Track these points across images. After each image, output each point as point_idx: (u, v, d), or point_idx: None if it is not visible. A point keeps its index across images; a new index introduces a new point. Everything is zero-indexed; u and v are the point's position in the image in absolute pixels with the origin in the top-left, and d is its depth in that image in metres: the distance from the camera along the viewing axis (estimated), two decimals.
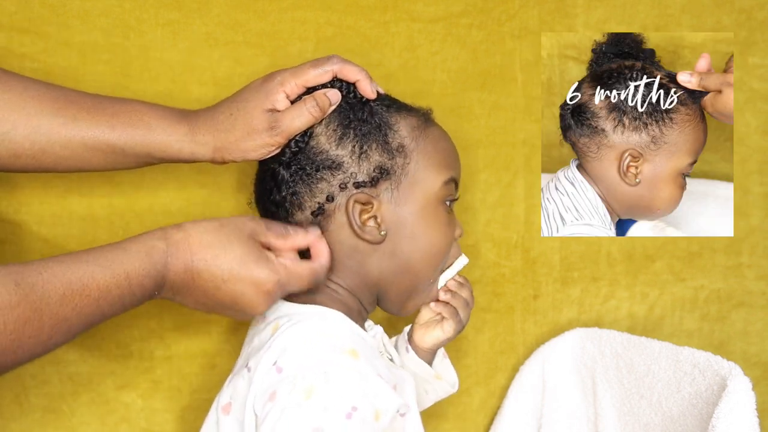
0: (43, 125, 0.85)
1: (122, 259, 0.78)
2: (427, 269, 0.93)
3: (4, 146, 0.85)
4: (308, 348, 0.83)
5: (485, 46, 1.15)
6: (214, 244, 0.82)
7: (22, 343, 0.71)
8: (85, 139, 0.87)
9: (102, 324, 1.05)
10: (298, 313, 0.87)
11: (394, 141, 0.91)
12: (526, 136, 1.17)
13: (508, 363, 1.19)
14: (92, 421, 1.07)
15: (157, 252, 0.80)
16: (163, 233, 0.82)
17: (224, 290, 0.83)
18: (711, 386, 0.96)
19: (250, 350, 0.90)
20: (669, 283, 1.22)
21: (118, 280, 0.77)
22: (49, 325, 0.73)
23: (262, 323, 0.90)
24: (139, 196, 1.06)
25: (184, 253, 0.82)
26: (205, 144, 0.89)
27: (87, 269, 0.75)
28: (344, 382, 0.80)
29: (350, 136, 0.90)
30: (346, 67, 0.91)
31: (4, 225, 1.03)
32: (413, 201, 0.91)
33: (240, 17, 1.07)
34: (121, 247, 0.79)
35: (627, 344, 1.08)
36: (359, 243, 0.90)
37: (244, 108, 0.89)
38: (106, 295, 0.77)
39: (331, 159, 0.89)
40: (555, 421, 1.14)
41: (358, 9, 1.10)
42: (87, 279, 0.75)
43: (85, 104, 0.88)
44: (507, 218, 1.17)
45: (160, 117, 0.89)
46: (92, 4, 1.02)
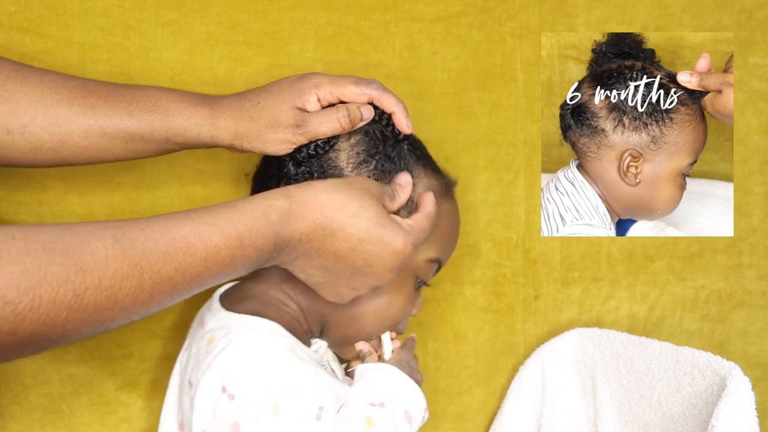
0: (61, 115, 0.85)
1: (233, 217, 0.74)
2: (375, 327, 0.91)
3: (24, 139, 0.84)
4: (255, 367, 0.79)
5: (485, 46, 1.15)
6: (348, 203, 0.78)
7: (118, 300, 0.67)
8: (104, 127, 0.86)
9: None
10: (232, 324, 0.84)
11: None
12: (526, 136, 1.17)
13: (508, 363, 1.19)
14: (92, 422, 1.07)
15: (276, 211, 0.76)
16: (286, 191, 0.78)
17: (359, 251, 0.79)
18: (711, 386, 0.96)
19: (188, 358, 0.87)
20: (669, 283, 1.22)
21: (228, 240, 0.72)
22: (150, 284, 0.68)
23: (200, 329, 0.88)
24: (139, 196, 1.06)
25: (312, 212, 0.77)
26: (226, 129, 0.88)
27: (193, 227, 0.71)
28: (304, 387, 0.79)
29: (370, 165, 0.87)
30: (385, 95, 0.89)
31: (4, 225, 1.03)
32: None
33: (240, 17, 1.07)
34: (234, 206, 0.75)
35: (627, 344, 1.08)
36: None
37: (274, 100, 0.88)
38: (214, 255, 0.72)
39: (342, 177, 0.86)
40: (555, 421, 1.14)
41: (358, 9, 1.10)
42: (192, 237, 0.71)
43: (102, 92, 0.87)
44: (507, 218, 1.17)
45: (178, 101, 0.88)
46: (92, 4, 1.02)
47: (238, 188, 1.08)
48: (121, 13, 1.03)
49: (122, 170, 1.05)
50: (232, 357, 0.80)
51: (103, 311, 0.66)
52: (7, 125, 0.84)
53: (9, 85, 0.85)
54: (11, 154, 0.85)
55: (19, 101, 0.84)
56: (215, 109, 0.88)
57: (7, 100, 0.84)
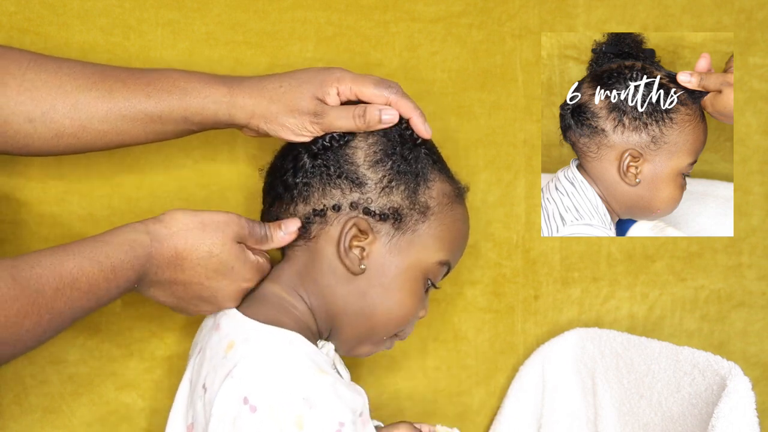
0: (81, 101, 0.87)
1: (108, 252, 0.79)
2: (386, 326, 0.92)
3: (45, 126, 0.87)
4: (277, 379, 0.80)
5: (485, 46, 1.15)
6: (200, 246, 0.84)
7: (20, 336, 0.72)
8: (123, 110, 0.88)
9: (102, 325, 1.06)
10: (256, 335, 0.85)
11: (423, 196, 0.90)
12: (526, 136, 1.17)
13: (508, 363, 1.19)
14: (92, 422, 1.07)
15: (140, 246, 0.81)
16: (145, 227, 0.83)
17: (206, 285, 0.86)
18: (711, 386, 0.96)
19: (201, 361, 0.87)
20: (669, 283, 1.22)
21: (106, 273, 0.78)
22: (46, 319, 0.74)
23: (215, 332, 0.88)
24: (139, 197, 1.06)
25: (168, 250, 0.83)
26: (243, 107, 0.90)
27: (76, 262, 0.77)
28: (326, 402, 0.80)
29: (386, 165, 0.89)
30: (402, 100, 0.91)
31: (4, 225, 1.03)
32: (404, 257, 0.90)
33: (240, 17, 1.07)
34: (105, 240, 0.80)
35: (627, 344, 1.08)
36: (339, 266, 0.89)
37: (297, 86, 0.90)
38: (95, 288, 0.78)
39: (357, 175, 0.89)
40: (555, 421, 1.14)
41: (358, 9, 1.10)
42: (77, 272, 0.76)
43: (120, 76, 0.89)
44: (507, 218, 1.17)
45: (196, 80, 0.90)
46: (92, 4, 1.02)
47: (239, 188, 1.08)
48: (121, 13, 1.03)
49: (122, 170, 1.05)
50: (254, 368, 0.81)
51: (6, 347, 0.71)
52: (28, 114, 0.86)
53: (28, 74, 0.86)
54: (34, 142, 0.87)
55: (39, 89, 0.86)
56: (234, 88, 0.90)
57: (27, 89, 0.86)
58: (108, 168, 1.05)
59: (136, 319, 1.07)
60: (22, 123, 0.86)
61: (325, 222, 0.89)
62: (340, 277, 0.90)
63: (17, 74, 0.86)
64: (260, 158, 1.02)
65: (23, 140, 0.87)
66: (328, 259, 0.89)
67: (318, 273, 0.90)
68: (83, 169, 1.05)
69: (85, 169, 1.05)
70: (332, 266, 0.90)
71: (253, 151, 1.08)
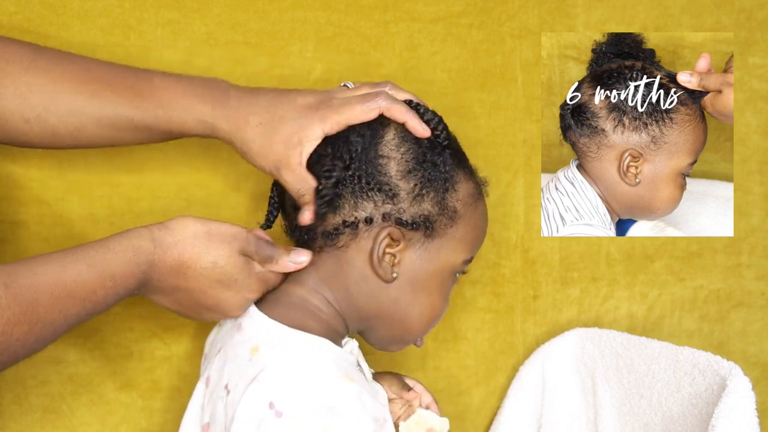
0: (73, 108, 0.88)
1: (109, 259, 0.78)
2: (420, 328, 0.93)
3: (41, 127, 0.88)
4: (306, 387, 0.80)
5: (485, 46, 1.15)
6: (205, 255, 0.83)
7: (9, 345, 0.71)
8: (112, 118, 0.88)
9: (102, 325, 1.06)
10: (283, 340, 0.84)
11: (451, 201, 0.89)
12: (526, 136, 1.17)
13: (508, 363, 1.19)
14: (92, 422, 1.07)
15: (143, 253, 0.80)
16: (150, 234, 0.82)
17: (210, 295, 0.85)
18: (711, 386, 0.96)
19: (223, 361, 0.87)
20: (668, 283, 1.22)
21: (104, 281, 0.77)
22: (37, 328, 0.73)
23: (237, 333, 0.88)
24: (139, 197, 1.06)
25: (172, 258, 0.82)
26: (223, 132, 0.89)
27: (74, 270, 0.76)
28: (351, 412, 0.80)
29: (418, 174, 0.87)
30: (394, 106, 0.88)
31: (4, 225, 1.03)
32: (434, 262, 0.90)
33: (240, 17, 1.07)
34: (108, 246, 0.79)
35: (627, 344, 1.08)
36: (370, 274, 0.88)
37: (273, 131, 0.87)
38: (92, 296, 0.77)
39: (390, 186, 0.87)
40: (555, 421, 1.14)
41: (358, 9, 1.10)
42: (75, 281, 0.75)
43: (109, 81, 0.89)
44: (507, 218, 1.17)
45: (180, 95, 0.89)
46: (92, 4, 1.02)
47: (238, 188, 1.08)
48: (121, 13, 1.03)
49: (122, 170, 1.05)
50: (281, 373, 0.81)
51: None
52: (23, 114, 0.87)
53: (24, 77, 0.87)
54: (32, 139, 0.89)
55: (33, 93, 0.87)
56: (216, 109, 0.88)
57: (21, 93, 0.87)
58: (108, 168, 1.05)
59: (136, 319, 1.07)
60: (19, 123, 0.87)
61: (356, 233, 0.88)
62: (372, 285, 0.89)
63: (15, 76, 0.86)
64: None
65: (22, 137, 0.88)
66: (359, 268, 0.89)
67: (348, 280, 0.89)
68: (83, 169, 1.04)
69: (85, 169, 1.05)
70: (363, 274, 0.89)
71: None
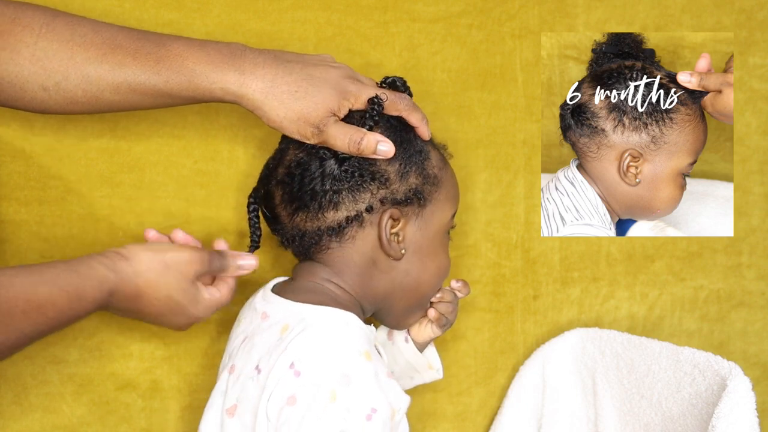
0: (91, 74, 0.88)
1: (77, 284, 0.81)
2: (433, 288, 0.98)
3: (60, 95, 0.88)
4: (326, 352, 0.84)
5: (485, 46, 1.15)
6: (160, 288, 0.87)
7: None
8: (132, 85, 0.89)
9: (102, 325, 1.06)
10: (313, 316, 0.88)
11: (430, 169, 0.94)
12: (526, 136, 1.17)
13: (508, 363, 1.19)
14: (92, 421, 1.07)
15: (107, 282, 0.84)
16: (113, 264, 0.85)
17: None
18: (711, 386, 0.96)
19: (250, 349, 0.89)
20: (669, 283, 1.22)
21: (72, 302, 0.81)
22: (12, 338, 0.76)
23: (263, 321, 0.90)
24: (139, 197, 1.06)
25: (131, 288, 0.86)
26: (251, 101, 0.89)
27: (45, 290, 0.79)
28: (364, 384, 0.82)
29: (399, 154, 0.92)
30: (413, 114, 0.94)
31: (4, 225, 1.03)
32: (431, 226, 0.95)
33: (240, 17, 1.07)
34: (76, 270, 0.82)
35: (627, 344, 1.08)
36: (380, 257, 0.93)
37: (312, 96, 0.89)
38: (60, 315, 0.80)
39: (380, 173, 0.91)
40: (555, 422, 1.14)
41: (358, 9, 1.10)
42: (45, 299, 0.79)
43: (130, 49, 0.89)
44: (507, 218, 1.17)
45: (205, 62, 0.89)
46: (92, 4, 1.02)
47: (239, 188, 1.08)
48: (121, 13, 1.03)
49: (122, 170, 1.05)
50: (306, 340, 0.85)
51: None
52: (41, 83, 0.87)
53: (40, 42, 0.87)
54: (49, 107, 0.89)
55: (50, 59, 0.87)
56: (246, 76, 0.89)
57: (39, 59, 0.87)
58: (108, 168, 1.05)
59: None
60: (37, 90, 0.87)
61: (362, 223, 0.91)
62: (383, 267, 0.93)
63: (30, 42, 0.87)
64: (260, 158, 1.02)
65: (40, 105, 0.89)
66: (367, 254, 0.92)
67: (359, 268, 0.93)
68: (83, 169, 1.04)
69: (85, 169, 1.05)
70: (373, 259, 0.93)
71: (253, 150, 1.08)
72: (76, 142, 1.05)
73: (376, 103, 0.91)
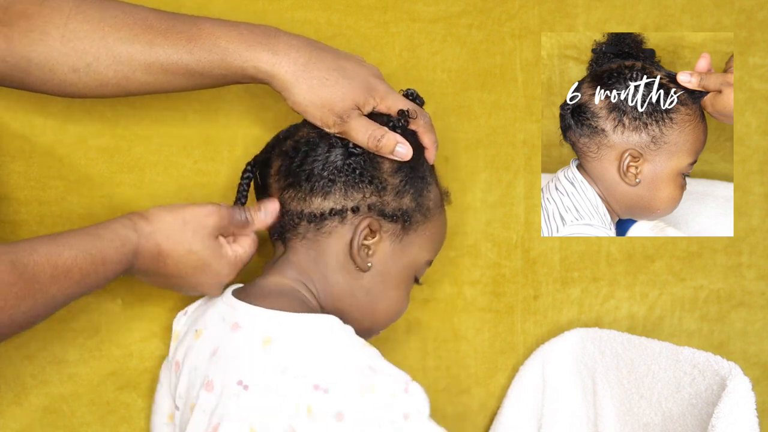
0: (123, 54, 0.88)
1: (100, 246, 0.82)
2: (384, 321, 0.97)
3: (90, 77, 0.88)
4: (339, 359, 0.84)
5: (485, 46, 1.15)
6: (181, 243, 0.87)
7: (15, 318, 0.75)
8: (165, 65, 0.89)
9: (102, 325, 1.06)
10: (295, 325, 0.86)
11: (426, 200, 0.94)
12: (526, 136, 1.17)
13: (508, 363, 1.19)
14: (92, 421, 1.07)
15: (129, 242, 0.84)
16: (133, 225, 0.85)
17: (187, 278, 0.89)
18: (711, 386, 0.96)
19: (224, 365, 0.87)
20: (669, 283, 1.22)
21: (96, 265, 0.81)
22: (40, 303, 0.77)
23: (235, 332, 0.87)
24: (139, 196, 1.06)
25: (152, 246, 0.86)
26: (281, 81, 0.90)
27: (71, 254, 0.80)
28: (386, 366, 0.83)
29: (405, 171, 0.92)
30: (427, 134, 0.95)
31: (4, 225, 1.03)
32: (404, 257, 0.94)
33: (240, 17, 1.06)
34: (98, 234, 0.83)
35: (627, 344, 1.08)
36: (347, 263, 0.92)
37: (341, 87, 0.90)
38: (86, 278, 0.81)
39: (380, 180, 0.91)
40: (555, 422, 1.14)
41: (358, 9, 1.10)
42: (71, 263, 0.79)
43: (162, 28, 0.89)
44: (507, 218, 1.17)
45: (238, 41, 0.90)
46: None
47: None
48: None
49: (122, 170, 1.05)
50: (313, 357, 0.84)
51: (2, 329, 0.75)
52: (72, 64, 0.87)
53: (70, 24, 0.87)
54: (79, 90, 0.89)
55: (81, 41, 0.87)
56: (279, 56, 0.90)
57: (70, 40, 0.87)
58: (108, 168, 1.05)
59: (136, 319, 1.07)
60: (67, 72, 0.87)
61: (343, 220, 0.90)
62: (349, 274, 0.92)
63: (59, 23, 0.86)
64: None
65: (69, 88, 0.89)
66: (337, 256, 0.91)
67: (327, 269, 0.92)
68: (83, 169, 1.05)
69: (85, 169, 1.05)
70: (341, 262, 0.92)
71: (253, 150, 1.07)
72: (76, 142, 1.05)
73: (405, 115, 0.92)
